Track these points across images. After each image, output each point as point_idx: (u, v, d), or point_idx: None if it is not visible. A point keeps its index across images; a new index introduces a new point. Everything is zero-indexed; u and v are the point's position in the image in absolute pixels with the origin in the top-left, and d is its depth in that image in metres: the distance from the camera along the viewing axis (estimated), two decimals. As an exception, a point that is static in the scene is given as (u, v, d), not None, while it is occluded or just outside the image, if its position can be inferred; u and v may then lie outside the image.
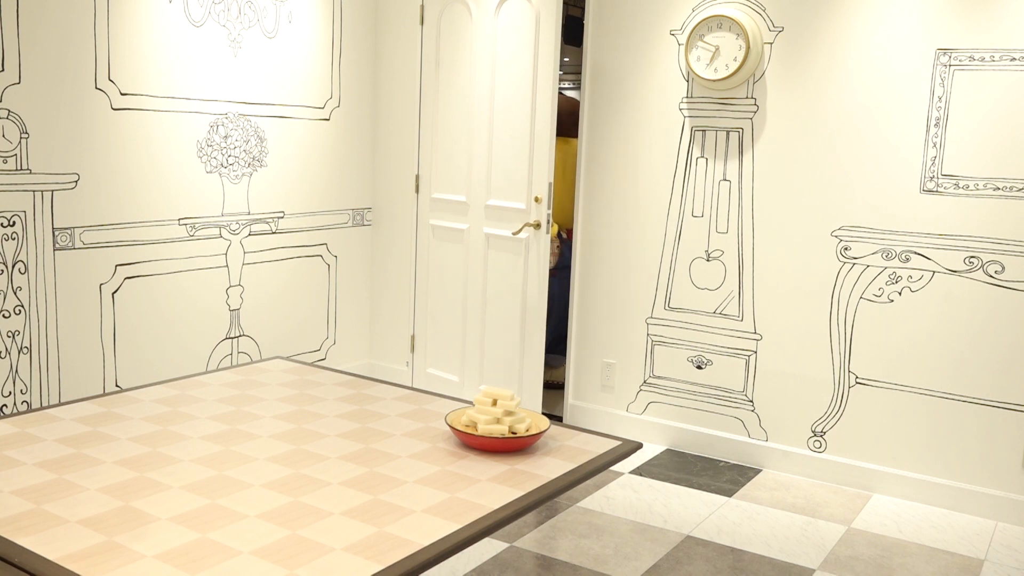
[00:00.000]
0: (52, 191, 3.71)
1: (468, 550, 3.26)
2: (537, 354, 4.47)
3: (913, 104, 3.85)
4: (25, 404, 3.73)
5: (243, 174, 4.52)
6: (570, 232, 5.29)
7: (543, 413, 4.50)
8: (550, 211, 4.39)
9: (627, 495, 3.95)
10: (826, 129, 4.04)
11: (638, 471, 4.24)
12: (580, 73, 4.63)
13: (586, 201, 4.67)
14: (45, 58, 3.62)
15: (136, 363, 4.13)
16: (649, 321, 4.55)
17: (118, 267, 4.00)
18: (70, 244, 3.80)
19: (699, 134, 4.33)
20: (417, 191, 5.01)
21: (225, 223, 4.46)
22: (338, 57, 4.96)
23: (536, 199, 4.38)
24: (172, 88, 4.13)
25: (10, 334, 3.64)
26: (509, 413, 2.48)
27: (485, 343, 4.69)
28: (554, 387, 5.48)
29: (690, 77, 4.32)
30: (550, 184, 4.35)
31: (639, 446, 2.61)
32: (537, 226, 4.40)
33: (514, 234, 4.45)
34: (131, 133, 3.98)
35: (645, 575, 3.24)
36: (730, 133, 4.26)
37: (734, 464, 4.38)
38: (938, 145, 3.81)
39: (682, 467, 4.32)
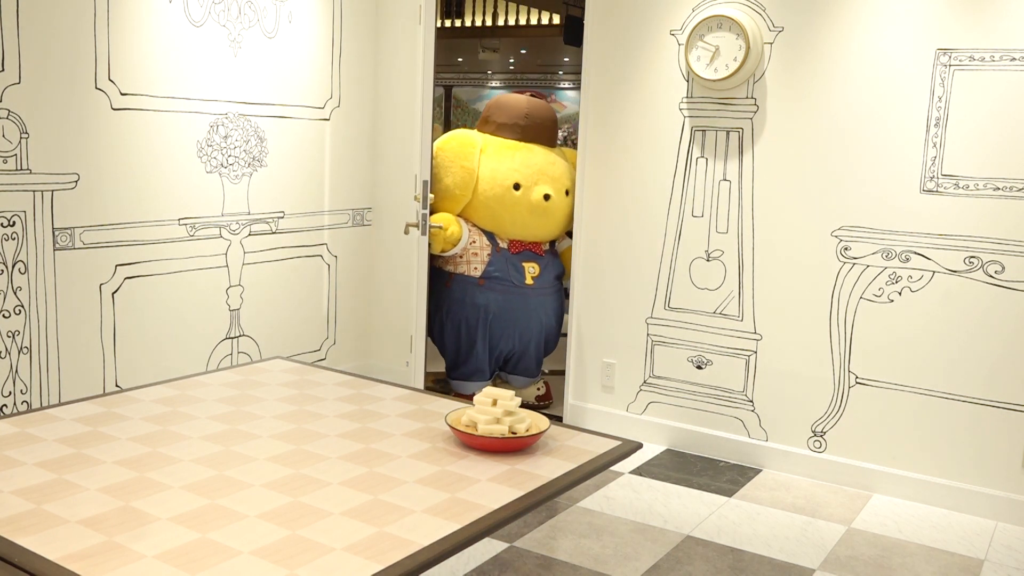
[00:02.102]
0: (52, 191, 3.71)
1: (468, 550, 3.26)
2: (418, 360, 4.48)
3: (913, 104, 3.85)
4: (25, 404, 3.73)
5: (243, 174, 4.52)
6: (517, 243, 4.81)
7: (543, 413, 4.50)
8: (426, 211, 4.33)
9: (627, 495, 3.95)
10: (826, 129, 4.04)
11: (638, 471, 4.24)
12: (580, 73, 4.63)
13: (586, 201, 4.67)
14: (45, 58, 3.62)
15: (136, 363, 4.13)
16: (649, 321, 4.56)
17: (118, 267, 4.00)
18: (70, 244, 3.80)
19: (699, 134, 4.33)
20: (417, 191, 5.02)
21: (225, 223, 4.46)
22: (338, 57, 4.96)
23: (416, 198, 4.37)
24: (172, 88, 4.13)
25: (10, 334, 3.64)
26: (509, 413, 2.48)
27: (416, 346, 4.72)
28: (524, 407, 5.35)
29: (690, 77, 4.32)
30: (425, 183, 4.31)
31: (639, 446, 2.61)
32: (416, 226, 4.40)
33: (405, 233, 4.46)
34: (131, 133, 3.98)
35: (645, 575, 3.24)
36: (730, 133, 4.26)
37: (734, 464, 4.38)
38: (938, 145, 3.81)
39: (682, 467, 4.32)
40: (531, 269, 4.78)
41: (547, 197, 4.71)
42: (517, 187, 4.69)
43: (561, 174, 4.83)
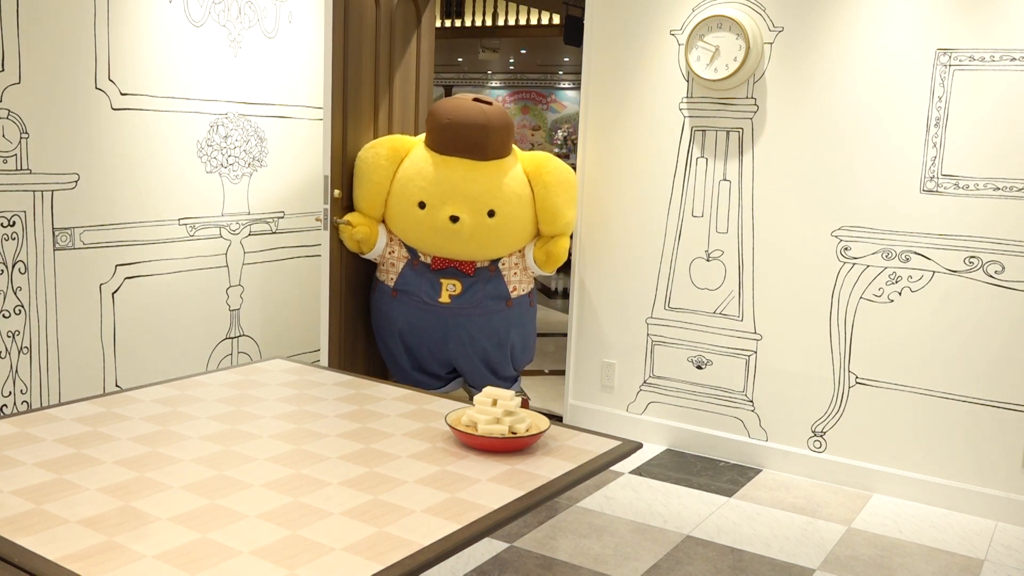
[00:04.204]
0: (52, 191, 3.71)
1: (468, 550, 3.26)
2: (323, 359, 4.43)
3: (913, 104, 3.85)
4: (25, 404, 3.73)
5: (243, 174, 4.52)
6: (441, 260, 4.30)
7: (543, 413, 4.49)
8: (327, 206, 4.24)
9: (627, 495, 3.96)
10: (826, 129, 4.04)
11: (638, 471, 4.24)
12: (580, 73, 4.63)
13: (586, 201, 4.67)
14: (45, 58, 3.62)
15: (136, 363, 4.13)
16: (649, 321, 4.56)
17: (118, 267, 4.00)
18: (70, 244, 3.80)
19: (699, 134, 4.33)
20: (417, 191, 5.00)
21: (225, 223, 4.46)
22: (338, 57, 4.95)
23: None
24: (172, 88, 4.13)
25: (10, 334, 3.64)
26: (509, 413, 2.48)
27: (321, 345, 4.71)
28: None
29: (690, 77, 4.32)
30: (326, 177, 4.22)
31: (639, 446, 2.61)
32: (319, 221, 4.43)
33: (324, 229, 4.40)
34: (131, 133, 3.98)
35: (645, 575, 3.24)
36: (730, 133, 4.26)
37: (734, 464, 4.38)
38: (938, 145, 3.81)
39: (682, 467, 4.32)
40: (450, 287, 4.29)
41: (454, 219, 4.13)
42: (423, 206, 4.18)
43: (482, 192, 4.14)
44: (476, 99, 4.26)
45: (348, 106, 4.35)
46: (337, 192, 4.26)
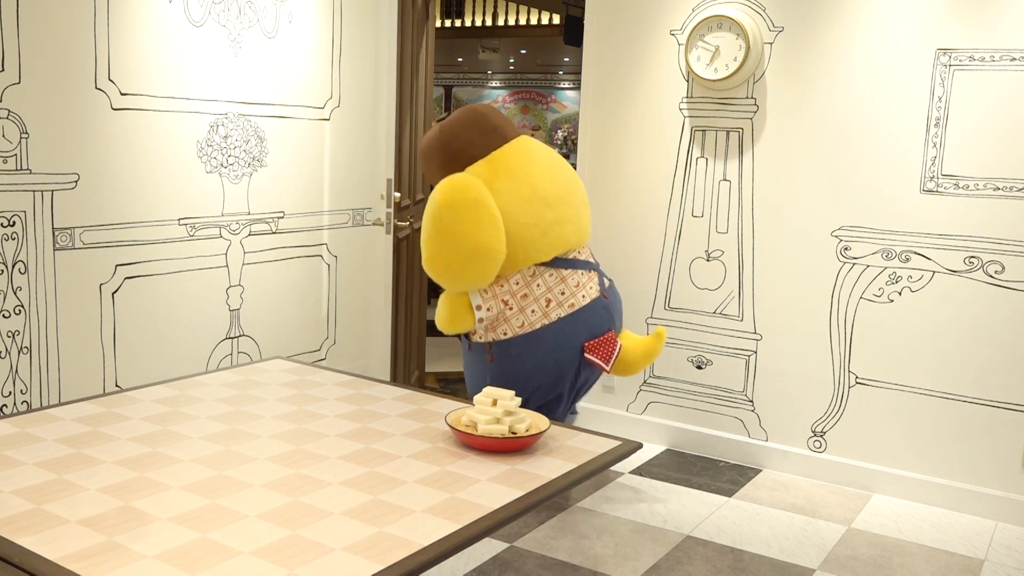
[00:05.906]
0: (52, 191, 3.71)
1: (468, 550, 3.26)
2: (384, 361, 4.42)
3: (913, 104, 3.85)
4: (25, 404, 3.73)
5: (243, 174, 4.52)
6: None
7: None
8: (390, 209, 4.21)
9: (627, 495, 3.95)
10: (826, 129, 4.04)
11: (638, 471, 4.24)
12: (580, 73, 4.63)
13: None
14: (45, 58, 3.62)
15: (136, 363, 4.13)
16: (649, 321, 4.55)
17: (118, 267, 4.00)
18: (70, 244, 3.80)
19: (699, 134, 4.33)
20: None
21: (225, 223, 4.46)
22: (338, 57, 4.96)
23: (381, 196, 4.36)
24: (172, 88, 4.13)
25: (10, 334, 3.64)
26: (509, 413, 2.48)
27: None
28: None
29: (690, 77, 4.32)
30: (388, 181, 4.21)
31: (639, 446, 2.61)
32: (380, 224, 4.50)
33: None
34: (131, 133, 3.98)
35: (645, 575, 3.24)
36: (730, 133, 4.26)
37: (734, 464, 4.38)
38: (938, 145, 3.81)
39: (682, 467, 4.32)
40: None
41: None
42: None
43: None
44: (438, 120, 3.76)
45: (404, 108, 4.45)
46: (397, 195, 4.30)
